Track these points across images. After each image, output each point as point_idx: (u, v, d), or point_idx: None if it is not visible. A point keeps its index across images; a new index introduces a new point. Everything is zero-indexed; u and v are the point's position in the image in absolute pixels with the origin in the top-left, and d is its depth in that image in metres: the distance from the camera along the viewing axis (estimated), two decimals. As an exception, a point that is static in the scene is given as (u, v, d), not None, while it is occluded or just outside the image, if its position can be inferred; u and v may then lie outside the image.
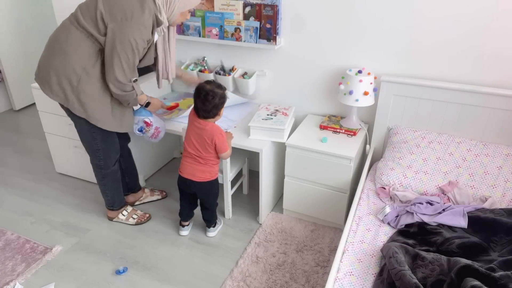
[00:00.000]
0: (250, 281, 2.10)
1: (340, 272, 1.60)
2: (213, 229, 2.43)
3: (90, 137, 2.20)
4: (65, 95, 2.04)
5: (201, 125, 2.09)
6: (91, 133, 2.18)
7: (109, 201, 2.48)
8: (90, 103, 2.06)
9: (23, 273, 2.16)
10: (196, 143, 2.12)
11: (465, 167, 2.07)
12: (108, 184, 2.40)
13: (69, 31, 1.97)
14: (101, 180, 2.39)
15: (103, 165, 2.31)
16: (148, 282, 2.13)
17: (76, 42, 1.96)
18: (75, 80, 2.01)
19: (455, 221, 1.77)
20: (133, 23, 1.89)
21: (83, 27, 1.94)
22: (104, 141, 2.23)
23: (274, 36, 2.44)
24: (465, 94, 2.13)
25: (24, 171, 3.10)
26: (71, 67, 1.98)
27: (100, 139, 2.21)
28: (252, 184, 2.82)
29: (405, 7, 2.16)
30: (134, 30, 1.90)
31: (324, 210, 2.43)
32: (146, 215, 2.58)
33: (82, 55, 1.97)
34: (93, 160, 2.32)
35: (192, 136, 2.13)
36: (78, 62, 1.98)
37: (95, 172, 2.38)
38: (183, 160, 2.21)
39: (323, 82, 2.56)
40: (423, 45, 2.21)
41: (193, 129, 2.12)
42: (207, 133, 2.08)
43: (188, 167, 2.19)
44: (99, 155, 2.27)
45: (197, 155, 2.15)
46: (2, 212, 2.65)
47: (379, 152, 2.46)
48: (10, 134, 3.71)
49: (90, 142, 2.23)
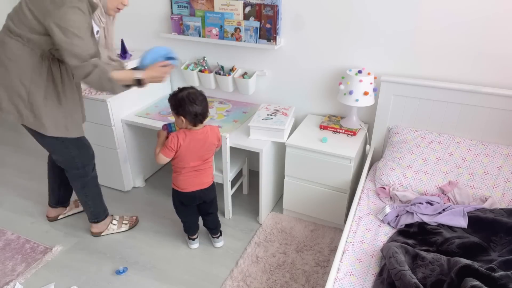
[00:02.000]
0: (250, 281, 2.10)
1: (340, 272, 1.60)
2: (220, 238, 2.36)
3: (61, 146, 2.08)
4: (18, 111, 1.93)
5: (202, 133, 2.01)
6: (60, 143, 2.06)
7: (93, 213, 2.35)
8: (44, 114, 1.93)
9: (23, 273, 2.16)
10: (200, 154, 2.04)
11: (465, 167, 2.07)
12: (89, 193, 2.28)
13: (4, 43, 1.83)
14: (82, 191, 2.26)
15: (82, 173, 2.19)
16: (148, 282, 2.13)
17: (15, 53, 1.83)
18: (24, 93, 1.88)
19: (455, 221, 1.77)
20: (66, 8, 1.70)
21: (18, 34, 1.81)
22: (77, 148, 2.12)
23: (274, 36, 2.44)
24: (465, 94, 2.13)
25: (24, 171, 3.10)
26: (17, 80, 1.85)
27: (73, 147, 2.10)
28: (252, 184, 2.82)
29: (405, 7, 2.16)
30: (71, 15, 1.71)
31: (324, 210, 2.43)
32: (134, 217, 2.55)
33: (25, 67, 1.84)
34: (70, 171, 2.18)
35: (195, 150, 2.01)
36: (23, 74, 1.85)
37: (74, 184, 2.25)
38: (184, 177, 2.08)
39: (323, 82, 2.56)
40: (423, 45, 2.21)
41: (194, 143, 1.99)
42: (211, 134, 2.04)
43: (194, 180, 2.09)
44: (75, 164, 2.15)
45: (201, 166, 2.08)
46: (2, 212, 2.65)
47: (379, 152, 2.46)
48: (10, 134, 3.71)
49: (62, 152, 2.10)
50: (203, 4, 2.56)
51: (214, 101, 2.88)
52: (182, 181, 2.09)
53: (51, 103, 1.95)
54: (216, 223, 2.33)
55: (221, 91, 2.87)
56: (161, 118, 2.59)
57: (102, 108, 2.51)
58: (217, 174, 2.44)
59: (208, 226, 2.34)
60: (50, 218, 2.57)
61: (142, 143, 2.85)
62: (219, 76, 2.72)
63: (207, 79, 2.78)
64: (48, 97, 1.93)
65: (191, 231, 2.32)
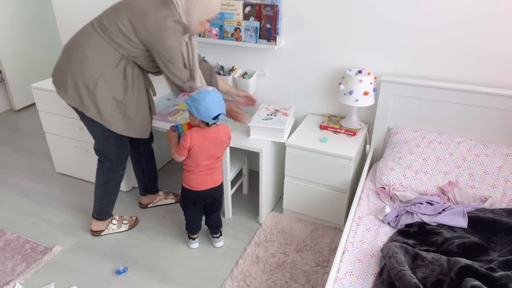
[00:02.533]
0: (250, 281, 2.10)
1: (340, 272, 1.60)
2: (221, 238, 2.36)
3: (105, 141, 2.19)
4: (80, 99, 2.02)
5: (215, 132, 2.02)
6: (106, 137, 2.16)
7: (102, 209, 2.39)
8: (105, 107, 2.05)
9: (23, 273, 2.16)
10: (213, 153, 2.05)
11: (465, 167, 2.07)
12: (110, 189, 2.34)
13: (91, 37, 1.97)
14: (105, 184, 2.32)
15: (114, 169, 2.28)
16: (148, 282, 2.13)
17: (98, 48, 1.97)
18: (91, 84, 1.99)
19: (455, 221, 1.77)
20: (170, 33, 1.92)
21: (108, 35, 1.95)
22: (117, 146, 2.22)
23: (274, 36, 2.44)
24: (465, 94, 2.13)
25: (24, 171, 3.10)
26: (90, 71, 1.98)
27: (114, 144, 2.20)
28: (252, 184, 2.82)
29: (405, 7, 2.16)
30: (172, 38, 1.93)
31: (324, 210, 2.43)
32: (134, 217, 2.56)
33: (103, 61, 1.98)
34: (104, 164, 2.27)
35: (208, 149, 2.03)
36: (98, 67, 1.98)
37: (101, 176, 2.31)
38: (197, 175, 2.09)
39: (323, 82, 2.56)
40: (423, 45, 2.21)
41: (207, 142, 2.01)
42: (225, 133, 2.06)
43: (207, 179, 2.11)
44: (111, 159, 2.25)
45: (213, 164, 2.10)
46: (2, 212, 2.65)
47: (379, 152, 2.47)
48: (10, 134, 3.71)
49: (104, 146, 2.21)
50: (203, 4, 2.56)
51: (214, 101, 2.88)
52: (195, 180, 2.10)
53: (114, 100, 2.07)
54: (218, 222, 2.34)
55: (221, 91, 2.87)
56: (161, 118, 2.58)
57: (102, 108, 2.51)
58: (217, 174, 2.45)
59: (210, 225, 2.34)
60: (141, 205, 2.69)
61: (142, 143, 2.85)
62: (219, 76, 2.71)
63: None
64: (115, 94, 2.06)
65: (194, 230, 2.32)
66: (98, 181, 2.34)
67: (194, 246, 2.36)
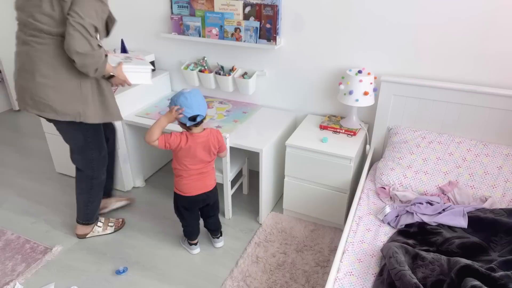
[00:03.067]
0: (250, 281, 2.10)
1: (340, 272, 1.60)
2: (221, 238, 2.36)
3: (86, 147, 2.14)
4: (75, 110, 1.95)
5: (203, 136, 1.99)
6: (87, 142, 2.12)
7: (88, 215, 2.34)
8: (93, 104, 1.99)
9: (23, 273, 2.16)
10: (201, 158, 2.02)
11: (465, 167, 2.07)
12: (93, 195, 2.29)
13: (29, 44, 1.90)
14: (88, 192, 2.27)
15: (95, 176, 2.24)
16: (148, 282, 2.13)
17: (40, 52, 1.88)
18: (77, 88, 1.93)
19: (455, 221, 1.77)
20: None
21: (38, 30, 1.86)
22: (98, 149, 2.18)
23: (274, 36, 2.44)
24: (465, 94, 2.13)
25: (24, 171, 3.10)
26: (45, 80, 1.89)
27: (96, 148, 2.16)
28: (252, 184, 2.82)
29: (405, 7, 2.16)
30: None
31: (324, 210, 2.43)
32: (120, 219, 2.52)
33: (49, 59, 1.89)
34: (85, 172, 2.22)
35: (196, 154, 2.00)
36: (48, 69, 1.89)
37: (82, 185, 2.26)
38: (187, 180, 2.06)
39: (323, 82, 2.56)
40: (423, 45, 2.21)
41: (195, 147, 1.98)
42: (212, 137, 2.01)
43: (197, 184, 2.08)
44: (92, 166, 2.20)
45: (203, 169, 2.07)
46: (2, 212, 2.65)
47: (379, 152, 2.46)
48: (10, 134, 3.71)
49: (86, 153, 2.16)
50: (203, 4, 2.56)
51: (214, 101, 2.89)
52: (185, 185, 2.07)
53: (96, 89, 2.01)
54: (217, 224, 2.33)
55: (221, 91, 2.87)
56: (161, 118, 2.58)
57: (102, 108, 2.51)
58: (217, 174, 2.44)
59: (209, 228, 2.33)
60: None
61: (142, 143, 2.84)
62: (219, 76, 2.72)
63: (207, 79, 2.78)
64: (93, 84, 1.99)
65: (193, 236, 2.29)
66: (79, 190, 2.28)
67: (195, 251, 2.32)
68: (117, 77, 2.06)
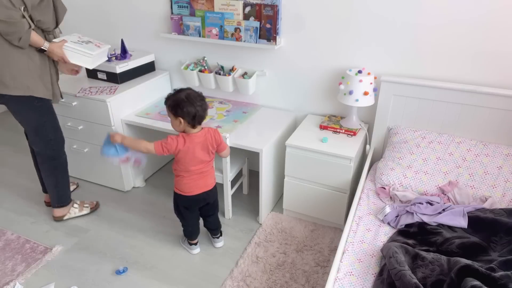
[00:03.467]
0: (250, 281, 2.10)
1: (340, 272, 1.60)
2: (221, 238, 2.35)
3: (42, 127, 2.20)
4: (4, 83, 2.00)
5: (201, 136, 1.98)
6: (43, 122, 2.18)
7: (61, 197, 2.44)
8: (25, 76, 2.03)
9: (23, 273, 2.16)
10: (201, 158, 2.01)
11: (465, 167, 2.07)
12: (59, 176, 2.38)
13: None
14: (52, 173, 2.35)
15: (56, 155, 2.31)
16: (148, 282, 2.13)
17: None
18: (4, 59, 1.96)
19: (455, 221, 1.77)
20: None
21: None
22: (54, 131, 2.25)
23: (274, 36, 2.44)
24: (465, 94, 2.13)
25: (24, 171, 3.10)
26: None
27: (51, 128, 2.23)
28: (252, 184, 2.82)
29: (405, 6, 2.16)
30: None
31: (324, 210, 2.43)
32: (94, 202, 2.62)
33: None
34: (45, 153, 2.29)
35: (196, 154, 1.98)
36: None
37: (45, 165, 2.34)
38: (187, 180, 2.05)
39: (323, 82, 2.56)
40: (423, 45, 2.21)
41: (193, 147, 1.97)
42: (209, 136, 1.99)
43: (198, 183, 2.07)
44: (51, 145, 2.27)
45: (203, 168, 2.06)
46: (2, 212, 2.65)
47: (379, 152, 2.47)
48: (10, 134, 3.71)
49: (42, 133, 2.21)
50: (203, 4, 2.56)
51: (214, 101, 2.89)
52: (186, 185, 2.06)
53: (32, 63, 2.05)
54: (217, 224, 2.33)
55: (221, 91, 2.88)
56: (161, 118, 2.59)
57: (102, 108, 2.51)
58: (217, 174, 2.44)
59: (209, 227, 2.33)
60: (48, 203, 2.64)
61: (142, 143, 2.85)
62: (219, 76, 2.72)
63: (207, 79, 2.78)
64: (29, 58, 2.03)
65: (193, 235, 2.29)
66: (44, 173, 2.36)
67: (195, 251, 2.32)
68: (51, 52, 2.08)
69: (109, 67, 2.68)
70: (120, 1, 2.91)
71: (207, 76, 2.76)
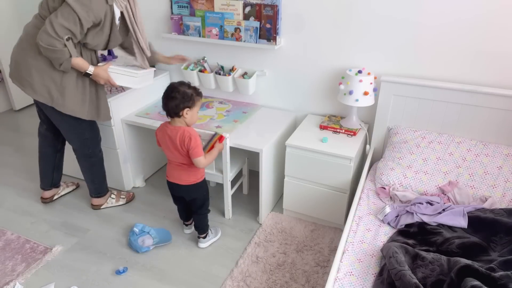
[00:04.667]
0: (250, 281, 2.10)
1: (340, 272, 1.60)
2: (204, 240, 2.33)
3: (79, 129, 2.30)
4: (49, 94, 2.10)
5: (172, 129, 2.01)
6: (79, 124, 2.27)
7: (97, 188, 2.58)
8: (72, 97, 2.13)
9: (23, 273, 2.16)
10: (173, 150, 2.05)
11: (465, 167, 2.07)
12: (96, 172, 2.50)
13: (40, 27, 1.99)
14: (89, 169, 2.48)
15: (92, 154, 2.41)
16: (148, 282, 2.13)
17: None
18: (58, 77, 2.06)
19: (455, 221, 1.77)
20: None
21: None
22: (91, 130, 2.35)
23: (274, 36, 2.44)
24: (465, 94, 2.13)
25: (24, 171, 3.10)
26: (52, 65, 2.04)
27: (88, 129, 2.32)
28: (252, 184, 2.82)
29: (405, 6, 2.16)
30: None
31: (324, 210, 2.43)
32: (131, 193, 2.71)
33: None
34: (81, 150, 2.39)
35: (167, 145, 2.06)
36: None
37: (83, 162, 2.46)
38: (168, 165, 2.17)
39: (323, 82, 2.56)
40: (423, 45, 2.21)
41: (166, 138, 2.04)
42: (178, 136, 1.99)
43: (173, 172, 2.14)
44: (87, 145, 2.36)
45: (180, 161, 2.09)
46: (2, 212, 2.65)
47: (379, 152, 2.47)
48: (10, 134, 3.71)
49: (79, 134, 2.31)
50: (203, 4, 2.56)
51: (214, 101, 2.89)
52: (167, 169, 2.20)
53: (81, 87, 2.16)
54: (200, 223, 2.31)
55: (221, 91, 2.88)
56: (161, 118, 2.59)
57: (102, 108, 2.51)
58: (217, 174, 2.44)
59: (194, 224, 2.38)
60: (46, 199, 2.71)
61: (142, 143, 2.85)
62: (219, 76, 2.72)
63: (207, 79, 2.78)
64: (79, 81, 2.14)
65: (182, 218, 2.43)
66: (82, 168, 2.48)
67: (186, 231, 2.46)
68: (97, 75, 2.16)
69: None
70: (120, 1, 2.92)
71: (207, 76, 2.76)
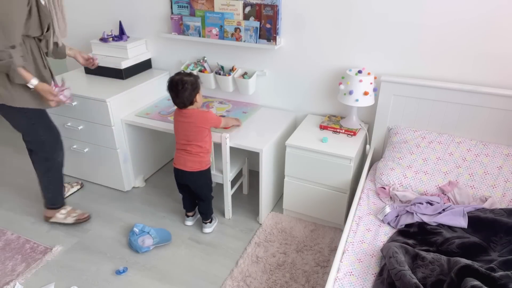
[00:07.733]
0: (250, 281, 2.10)
1: (340, 272, 1.60)
2: (210, 224, 2.45)
3: (32, 129, 2.19)
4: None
5: (186, 116, 2.15)
6: (31, 124, 2.17)
7: (51, 198, 2.45)
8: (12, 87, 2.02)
9: (23, 273, 2.16)
10: (185, 135, 2.17)
11: (465, 167, 2.07)
12: (52, 178, 2.38)
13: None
14: (45, 174, 2.36)
15: (49, 157, 2.30)
16: (148, 282, 2.13)
17: None
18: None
19: (455, 221, 1.77)
20: None
21: None
22: (45, 131, 2.23)
23: (274, 36, 2.44)
24: (465, 94, 2.13)
25: (24, 171, 3.10)
26: None
27: (42, 129, 2.21)
28: (252, 184, 2.82)
29: (406, 6, 2.16)
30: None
31: (324, 210, 2.43)
32: (85, 214, 2.55)
33: None
34: (38, 154, 2.29)
35: (181, 129, 2.18)
36: None
37: (39, 167, 2.34)
38: (176, 152, 2.26)
39: (323, 82, 2.56)
40: (423, 45, 2.21)
41: (179, 122, 2.18)
42: (197, 119, 2.14)
43: (180, 158, 2.24)
44: (44, 148, 2.26)
45: (187, 147, 2.20)
46: (2, 212, 2.65)
47: (379, 152, 2.47)
48: (10, 134, 3.70)
49: (33, 134, 2.22)
50: (203, 4, 2.56)
51: (214, 101, 2.89)
52: (174, 156, 2.28)
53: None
54: (205, 209, 2.43)
55: (221, 91, 2.88)
56: (161, 118, 2.59)
57: (102, 108, 2.51)
58: (217, 174, 2.44)
59: (199, 210, 2.45)
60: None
61: (142, 143, 2.85)
62: (219, 76, 2.71)
63: (207, 79, 2.78)
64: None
65: (185, 207, 2.48)
66: (37, 172, 2.37)
67: (188, 223, 2.51)
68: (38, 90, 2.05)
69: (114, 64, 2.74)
70: (120, 1, 2.91)
71: (207, 76, 2.76)
